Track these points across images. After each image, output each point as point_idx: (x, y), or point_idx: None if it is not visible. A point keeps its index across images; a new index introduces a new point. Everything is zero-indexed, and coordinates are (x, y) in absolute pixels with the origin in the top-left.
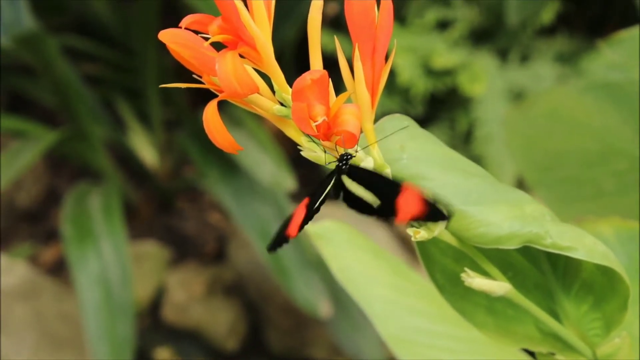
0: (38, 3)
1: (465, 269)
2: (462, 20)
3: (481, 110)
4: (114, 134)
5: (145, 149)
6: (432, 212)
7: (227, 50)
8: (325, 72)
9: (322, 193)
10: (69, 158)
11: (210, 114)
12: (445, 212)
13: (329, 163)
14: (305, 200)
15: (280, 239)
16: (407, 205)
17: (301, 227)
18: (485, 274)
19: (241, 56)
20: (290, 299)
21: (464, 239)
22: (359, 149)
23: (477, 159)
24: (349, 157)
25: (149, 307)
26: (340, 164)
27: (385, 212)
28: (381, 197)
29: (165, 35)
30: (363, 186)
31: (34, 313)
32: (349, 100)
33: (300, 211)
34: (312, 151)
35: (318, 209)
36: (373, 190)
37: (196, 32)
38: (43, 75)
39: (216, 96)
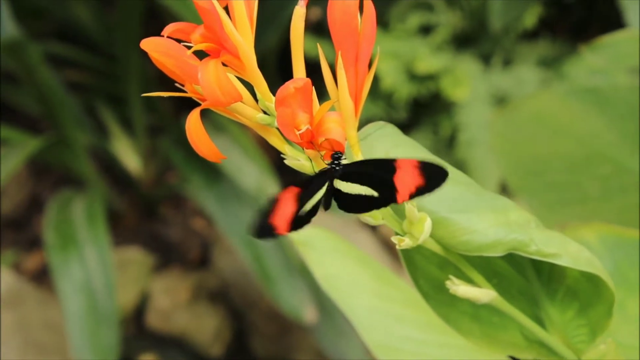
0: (20, 10)
1: (450, 276)
2: (444, 25)
3: (464, 115)
4: (97, 140)
5: (129, 156)
6: (431, 176)
7: (210, 58)
8: (309, 81)
9: (314, 192)
10: (52, 165)
11: (193, 123)
12: (443, 170)
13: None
14: (294, 190)
15: (265, 228)
16: (404, 181)
17: (295, 226)
18: (470, 281)
19: (224, 64)
20: (274, 305)
21: (448, 246)
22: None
23: (460, 164)
24: (341, 156)
25: (133, 314)
26: (334, 165)
27: (385, 198)
28: (377, 185)
29: (148, 44)
30: (357, 182)
31: (17, 321)
32: (332, 108)
33: (287, 201)
34: (296, 159)
35: (314, 212)
36: (367, 181)
37: (178, 41)
38: (26, 82)
39: (199, 104)
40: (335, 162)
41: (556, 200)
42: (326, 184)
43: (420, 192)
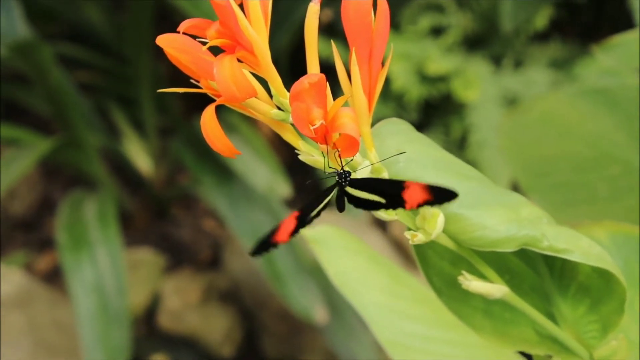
0: (32, 11)
1: (463, 272)
2: (455, 27)
3: (475, 116)
4: (108, 141)
5: (140, 157)
6: (440, 194)
7: (225, 54)
8: (323, 76)
9: (318, 205)
10: (64, 166)
11: (208, 119)
12: (452, 192)
13: (328, 175)
14: (296, 213)
15: (265, 245)
16: (413, 196)
17: (292, 234)
18: (482, 277)
19: (239, 60)
20: (285, 305)
21: (461, 242)
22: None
23: (471, 165)
24: (348, 174)
25: (144, 315)
26: (341, 181)
27: (393, 205)
28: (386, 196)
29: (163, 40)
30: (366, 191)
31: (29, 321)
32: (345, 105)
33: (289, 222)
34: (310, 155)
35: (312, 219)
36: (377, 193)
37: (194, 37)
38: (37, 83)
39: (213, 101)
40: (342, 178)
41: (565, 201)
42: (336, 193)
43: (426, 204)
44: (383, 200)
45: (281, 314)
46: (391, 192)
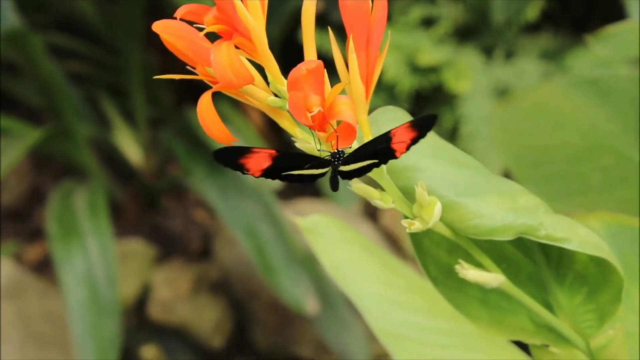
0: (22, 1)
1: (459, 260)
2: (447, 18)
3: (466, 107)
4: (98, 132)
5: (131, 147)
6: (422, 125)
7: (222, 40)
8: (321, 63)
9: (300, 167)
10: (54, 156)
11: (205, 106)
12: (432, 116)
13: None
14: (273, 152)
15: (232, 160)
16: (400, 141)
17: (263, 174)
18: (479, 265)
19: (236, 47)
20: (276, 296)
21: (457, 230)
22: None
23: None
24: (342, 154)
25: (135, 305)
26: (335, 161)
27: (385, 159)
28: (376, 155)
29: (159, 26)
30: (356, 162)
31: (18, 312)
32: (342, 92)
33: (263, 156)
34: (307, 142)
35: (295, 180)
36: (367, 157)
37: (190, 23)
38: (27, 73)
39: (205, 90)
40: (336, 158)
41: (558, 191)
42: (325, 170)
43: (414, 141)
44: (375, 161)
45: (272, 305)
46: (381, 148)
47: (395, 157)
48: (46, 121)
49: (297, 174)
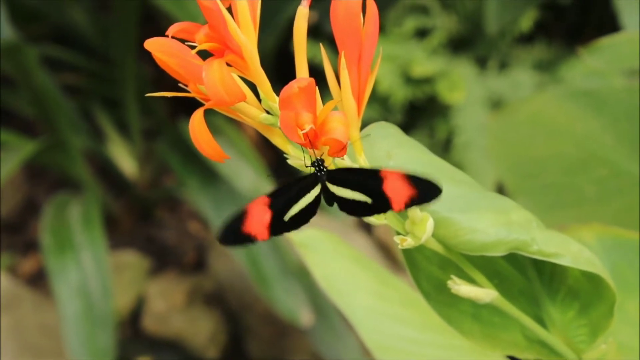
0: (16, 13)
1: (452, 276)
2: (440, 29)
3: (460, 118)
4: (93, 143)
5: (125, 159)
6: (424, 189)
7: (214, 58)
8: (312, 80)
9: (299, 197)
10: (48, 168)
11: (197, 123)
12: (435, 183)
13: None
14: (265, 199)
15: (237, 236)
16: (395, 191)
17: (278, 230)
18: (471, 281)
19: (228, 64)
20: (270, 307)
21: (450, 246)
22: (346, 157)
23: (456, 167)
24: (321, 161)
25: (129, 317)
26: (318, 170)
27: (380, 206)
28: (368, 192)
29: (151, 44)
30: (347, 187)
31: (13, 324)
32: (335, 109)
33: (259, 210)
34: (299, 159)
35: (305, 216)
36: (358, 188)
37: (182, 41)
38: (21, 85)
39: (200, 104)
40: (318, 168)
41: (552, 203)
42: (316, 188)
43: (414, 202)
44: (369, 200)
45: (266, 317)
46: (371, 184)
47: (392, 209)
48: (40, 133)
49: (300, 214)
